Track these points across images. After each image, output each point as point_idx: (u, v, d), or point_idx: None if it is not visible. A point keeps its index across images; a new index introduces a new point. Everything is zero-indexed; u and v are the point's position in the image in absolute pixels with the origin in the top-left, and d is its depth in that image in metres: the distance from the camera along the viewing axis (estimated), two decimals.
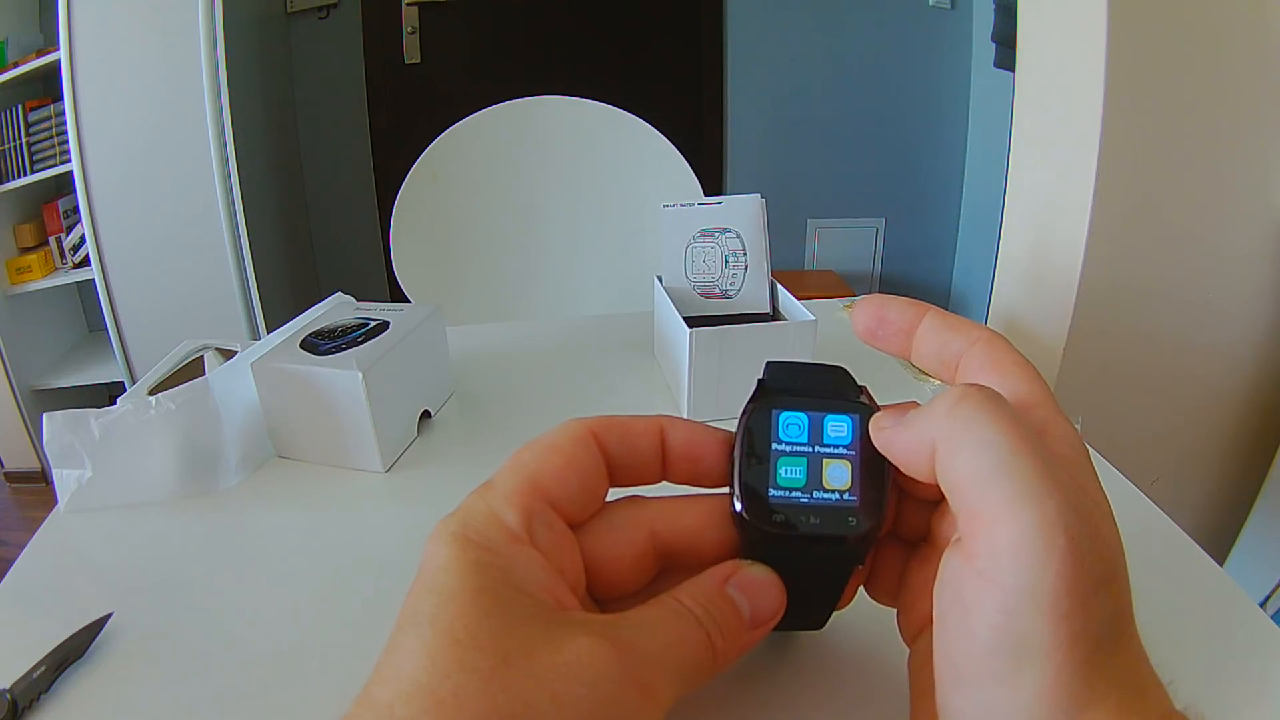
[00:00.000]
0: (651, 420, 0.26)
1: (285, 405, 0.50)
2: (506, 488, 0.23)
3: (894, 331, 0.26)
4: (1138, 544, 0.38)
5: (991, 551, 0.19)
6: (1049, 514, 0.18)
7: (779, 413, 0.25)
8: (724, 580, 0.24)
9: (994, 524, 0.19)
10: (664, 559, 0.25)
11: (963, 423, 0.20)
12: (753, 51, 2.25)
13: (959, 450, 0.20)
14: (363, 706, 0.19)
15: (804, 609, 0.26)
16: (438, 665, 0.18)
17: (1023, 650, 0.18)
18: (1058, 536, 0.18)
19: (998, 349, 0.24)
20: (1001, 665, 0.18)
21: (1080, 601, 0.18)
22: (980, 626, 0.19)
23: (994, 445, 0.19)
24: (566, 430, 0.24)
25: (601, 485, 0.25)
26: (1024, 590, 0.18)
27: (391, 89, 2.28)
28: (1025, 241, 1.02)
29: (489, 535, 0.22)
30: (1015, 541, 0.18)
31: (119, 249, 1.79)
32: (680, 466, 0.26)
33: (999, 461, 0.19)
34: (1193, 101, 0.87)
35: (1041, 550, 0.18)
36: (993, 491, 0.19)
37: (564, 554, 0.23)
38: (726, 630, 0.22)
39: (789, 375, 0.26)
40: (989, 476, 0.19)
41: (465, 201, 1.08)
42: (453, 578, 0.20)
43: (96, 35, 1.64)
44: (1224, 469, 1.06)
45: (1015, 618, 0.18)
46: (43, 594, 0.41)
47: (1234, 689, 0.31)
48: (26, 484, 2.07)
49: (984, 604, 0.19)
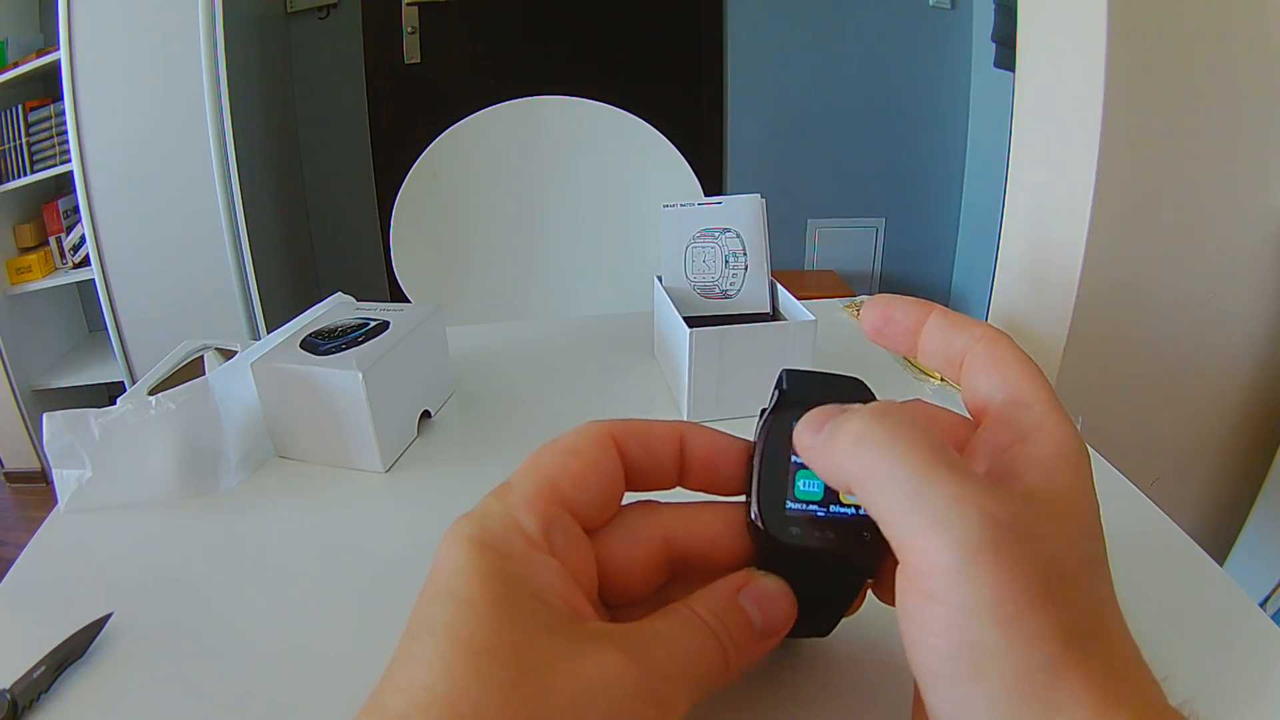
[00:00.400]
0: (671, 426, 0.25)
1: (285, 405, 0.50)
2: (525, 491, 0.23)
3: (900, 330, 0.26)
4: (1138, 544, 0.38)
5: (926, 575, 0.19)
6: (966, 537, 0.18)
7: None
8: (737, 590, 0.23)
9: (922, 553, 0.19)
10: (676, 565, 0.25)
11: (866, 462, 0.20)
12: (753, 51, 2.25)
13: (872, 490, 0.20)
14: (373, 713, 0.19)
15: (812, 617, 0.26)
16: (455, 676, 0.18)
17: (978, 655, 0.18)
18: (981, 554, 0.18)
19: (999, 347, 0.24)
20: (962, 668, 0.18)
21: (1028, 605, 0.18)
22: (934, 638, 0.19)
23: (903, 481, 0.20)
24: (586, 434, 0.24)
25: (619, 490, 0.25)
26: (966, 606, 0.18)
27: (391, 89, 2.28)
28: (1025, 241, 1.02)
29: (507, 541, 0.21)
30: (944, 566, 0.18)
31: (119, 249, 1.79)
32: (698, 473, 0.26)
33: (911, 496, 0.19)
34: (1193, 101, 0.87)
35: (969, 571, 0.18)
36: (912, 524, 0.19)
37: (580, 560, 0.23)
38: (739, 640, 0.22)
39: (809, 385, 0.26)
40: (905, 513, 0.19)
41: (465, 201, 1.08)
42: (470, 584, 0.20)
43: (96, 35, 1.64)
44: (1224, 469, 1.06)
45: (965, 630, 0.18)
46: (43, 594, 0.41)
47: (1234, 689, 0.31)
48: (26, 484, 2.07)
49: (932, 620, 0.19)
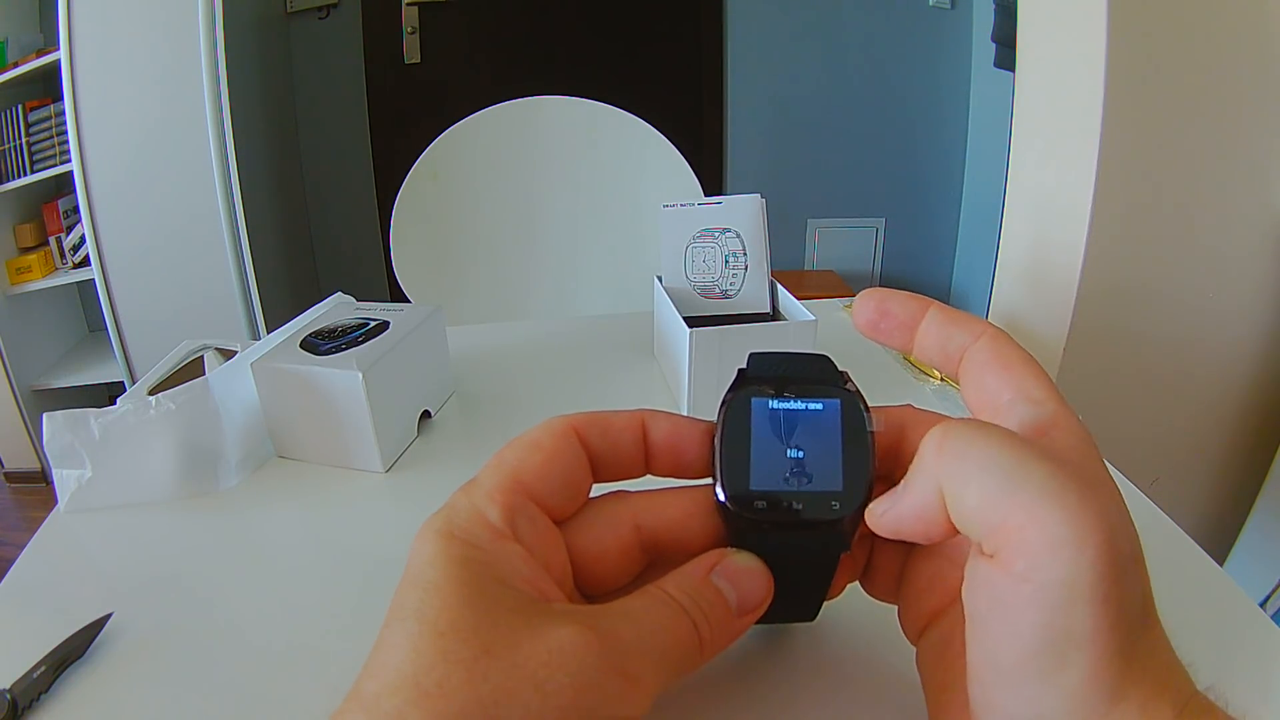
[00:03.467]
0: (633, 414, 0.26)
1: (285, 405, 0.50)
2: (489, 484, 0.23)
3: (896, 325, 0.25)
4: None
5: (1028, 554, 0.18)
6: (1074, 506, 0.18)
7: (759, 400, 0.25)
8: (709, 569, 0.24)
9: (1023, 530, 0.19)
10: (651, 552, 0.25)
11: (957, 457, 0.20)
12: (753, 51, 2.25)
13: (965, 484, 0.20)
14: (352, 700, 0.19)
15: (794, 599, 0.26)
16: (423, 657, 0.19)
17: (1068, 643, 0.18)
18: (1090, 523, 0.18)
19: (1002, 345, 0.24)
20: (1047, 662, 0.18)
21: (1117, 581, 0.18)
22: (1025, 626, 0.19)
23: (996, 464, 0.19)
24: (548, 427, 0.25)
25: (585, 481, 0.25)
26: (1066, 582, 0.18)
27: (391, 89, 2.28)
28: (1025, 241, 1.02)
29: (472, 531, 0.22)
30: (1051, 539, 0.18)
31: (119, 249, 1.79)
32: (663, 459, 0.26)
33: (1007, 476, 0.19)
34: (1193, 101, 0.87)
35: (1077, 540, 0.18)
36: (1012, 504, 0.19)
37: (548, 549, 0.23)
38: (713, 618, 0.23)
39: (770, 364, 0.26)
40: (1002, 494, 0.19)
41: (465, 201, 1.08)
42: (437, 572, 0.21)
43: (96, 35, 1.64)
44: (1224, 469, 1.06)
45: (1060, 611, 0.18)
46: (43, 594, 0.41)
47: (1234, 689, 0.31)
48: (26, 484, 2.07)
49: (1027, 604, 0.18)
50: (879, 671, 0.30)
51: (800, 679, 0.30)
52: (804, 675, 0.30)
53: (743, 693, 0.29)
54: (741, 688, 0.29)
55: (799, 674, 0.30)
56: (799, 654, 0.31)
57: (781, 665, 0.30)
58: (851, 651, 0.31)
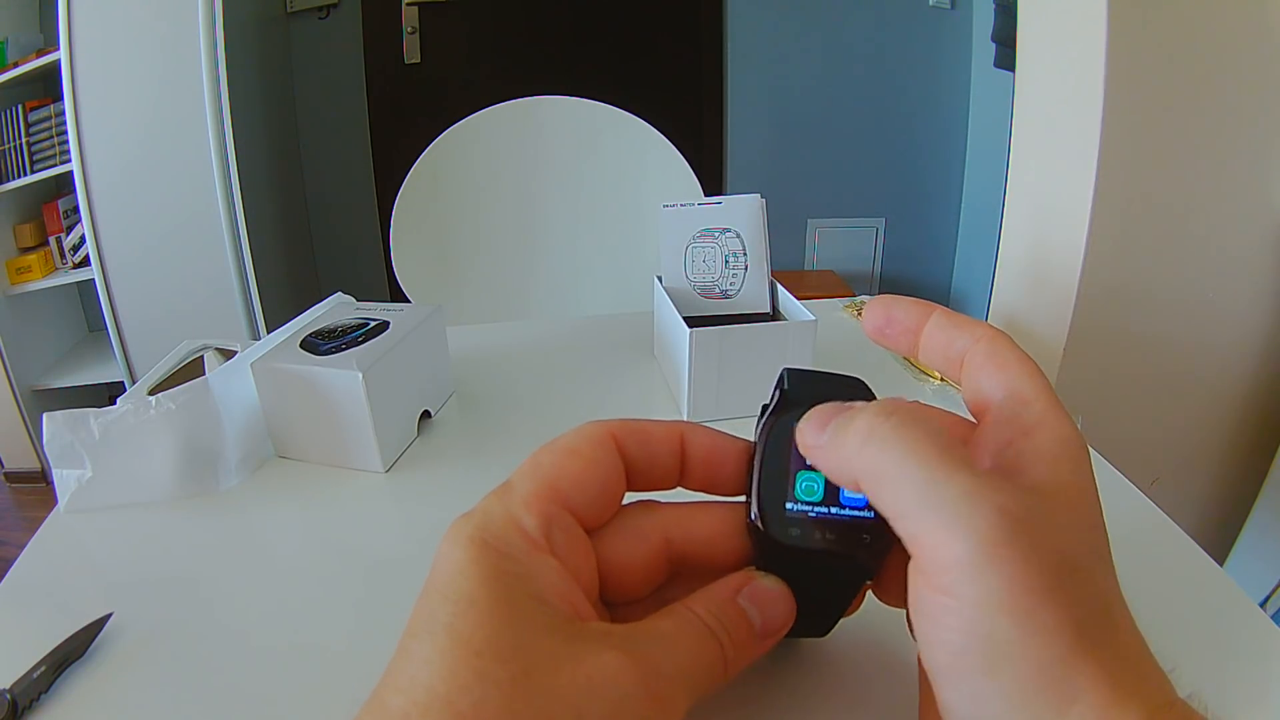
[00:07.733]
0: (671, 426, 0.26)
1: (285, 405, 0.50)
2: (525, 491, 0.23)
3: (901, 330, 0.26)
4: (1138, 544, 0.38)
5: (940, 570, 0.19)
6: (980, 530, 0.18)
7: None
8: (736, 590, 0.24)
9: (935, 548, 0.19)
10: (675, 564, 0.25)
11: (876, 460, 0.21)
12: (753, 51, 2.25)
13: (881, 488, 0.21)
14: (374, 713, 0.19)
15: (812, 619, 0.26)
16: (457, 676, 0.18)
17: (993, 649, 0.18)
18: (995, 547, 0.18)
19: (999, 346, 0.24)
20: (977, 663, 0.19)
21: (1041, 598, 0.18)
22: (948, 633, 0.19)
23: (914, 477, 0.20)
24: (586, 433, 0.24)
25: (619, 489, 0.25)
26: (981, 600, 0.18)
27: (391, 89, 2.28)
28: (1025, 241, 1.02)
29: (508, 541, 0.21)
30: (958, 560, 0.19)
31: (119, 249, 1.79)
32: (698, 473, 0.26)
33: (922, 492, 0.19)
34: (1192, 101, 0.87)
35: (983, 564, 0.18)
36: (925, 519, 0.19)
37: (580, 560, 0.23)
38: (737, 640, 0.23)
39: (810, 385, 0.26)
40: (917, 509, 0.20)
41: (465, 201, 1.08)
42: (471, 584, 0.20)
43: (96, 35, 1.64)
44: (1224, 469, 1.06)
45: (979, 624, 0.18)
46: (43, 594, 0.41)
47: (1234, 689, 0.31)
48: (26, 484, 2.07)
49: (946, 615, 0.19)
50: (881, 672, 0.30)
51: (802, 679, 0.30)
52: (806, 676, 0.30)
53: (744, 693, 0.29)
54: (744, 688, 0.29)
55: (801, 674, 0.30)
56: (802, 655, 0.31)
57: (785, 666, 0.30)
58: (855, 653, 0.31)
